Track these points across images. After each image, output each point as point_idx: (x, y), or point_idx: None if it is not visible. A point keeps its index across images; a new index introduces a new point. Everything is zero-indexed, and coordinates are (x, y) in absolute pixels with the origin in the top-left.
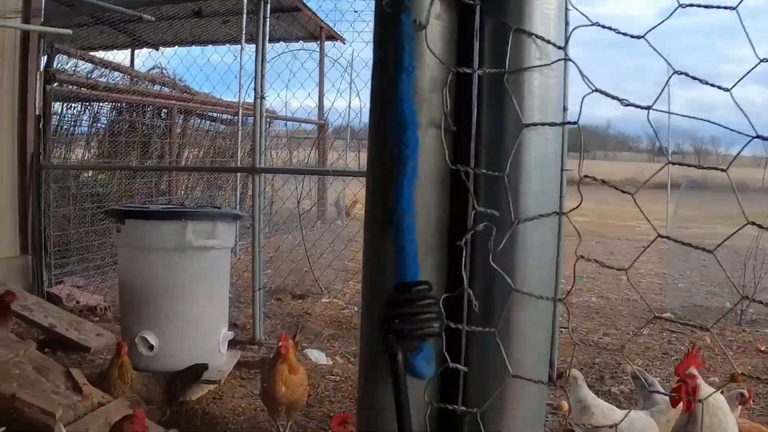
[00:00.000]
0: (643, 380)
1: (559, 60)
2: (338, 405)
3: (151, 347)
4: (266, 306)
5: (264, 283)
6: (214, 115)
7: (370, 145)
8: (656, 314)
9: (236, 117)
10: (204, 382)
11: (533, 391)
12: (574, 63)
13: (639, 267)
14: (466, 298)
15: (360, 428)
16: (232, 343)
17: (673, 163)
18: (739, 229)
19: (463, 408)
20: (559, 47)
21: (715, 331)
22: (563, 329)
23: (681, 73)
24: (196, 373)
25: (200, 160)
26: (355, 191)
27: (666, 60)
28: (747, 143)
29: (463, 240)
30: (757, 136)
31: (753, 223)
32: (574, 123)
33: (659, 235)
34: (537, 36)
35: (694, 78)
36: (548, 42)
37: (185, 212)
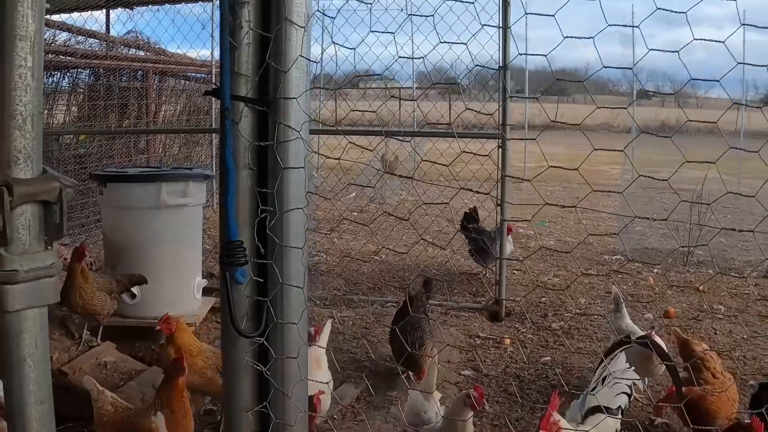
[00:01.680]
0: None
1: (295, 138)
2: None
3: (133, 296)
4: None
5: None
6: (189, 74)
7: (219, 179)
8: (607, 256)
9: (210, 76)
10: None
11: (296, 292)
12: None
13: (600, 210)
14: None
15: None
16: (209, 291)
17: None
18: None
19: (261, 297)
20: (297, 131)
21: (659, 272)
22: (516, 271)
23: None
24: (139, 279)
25: (177, 119)
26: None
27: None
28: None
29: (256, 220)
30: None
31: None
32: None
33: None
34: (289, 126)
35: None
36: (291, 128)
37: (160, 175)
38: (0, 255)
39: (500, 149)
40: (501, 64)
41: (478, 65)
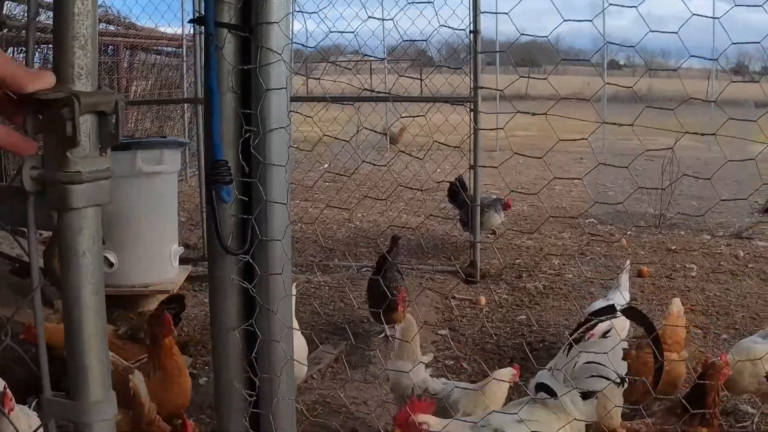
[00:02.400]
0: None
1: (276, 61)
2: None
3: (111, 264)
4: None
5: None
6: (161, 48)
7: (204, 101)
8: (580, 219)
9: (180, 49)
10: (158, 291)
11: (280, 209)
12: None
13: (573, 176)
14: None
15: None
16: (185, 261)
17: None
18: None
19: (245, 216)
20: (279, 53)
21: (633, 234)
22: (489, 235)
23: None
24: None
25: (149, 93)
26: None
27: None
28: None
29: (241, 140)
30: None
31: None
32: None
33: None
34: (271, 49)
35: None
36: (273, 51)
37: (134, 142)
38: (67, 157)
39: (472, 113)
40: (471, 29)
41: (445, 26)
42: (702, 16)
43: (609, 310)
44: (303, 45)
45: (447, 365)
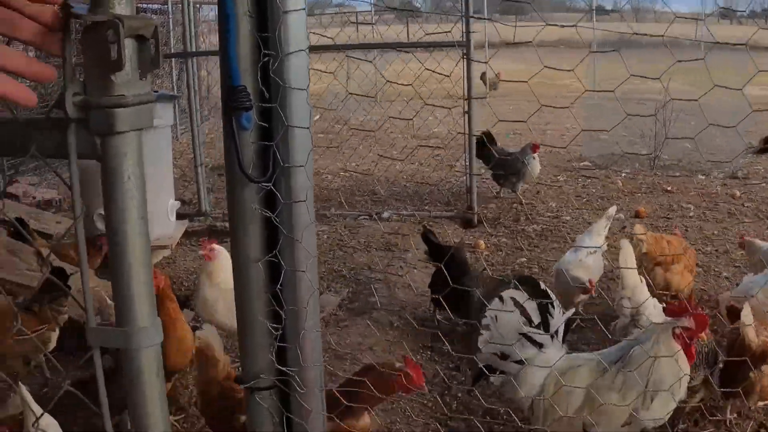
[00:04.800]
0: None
1: None
2: None
3: None
4: (209, 181)
5: (205, 160)
6: (145, 6)
7: (219, 25)
8: (575, 163)
9: (166, 6)
10: (157, 247)
11: (302, 133)
12: None
13: (565, 122)
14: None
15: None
16: (181, 216)
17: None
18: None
19: (266, 143)
20: None
21: (628, 175)
22: (485, 180)
23: None
24: None
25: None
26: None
27: None
28: None
29: (260, 63)
30: None
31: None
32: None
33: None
34: None
35: None
36: None
37: None
38: (111, 81)
39: (464, 58)
40: None
41: None
42: None
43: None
44: None
45: None
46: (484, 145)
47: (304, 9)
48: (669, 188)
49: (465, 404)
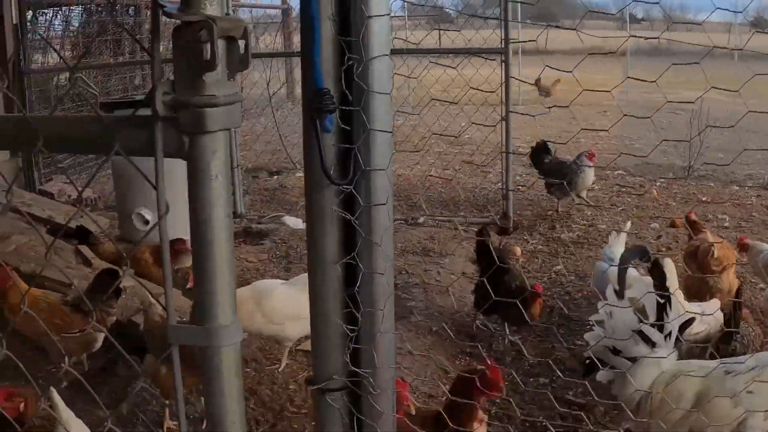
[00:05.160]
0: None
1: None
2: None
3: (146, 222)
4: (244, 183)
5: (239, 162)
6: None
7: (302, 28)
8: (609, 171)
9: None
10: None
11: (384, 137)
12: None
13: (598, 131)
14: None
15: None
16: None
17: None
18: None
19: (346, 146)
20: None
21: (662, 185)
22: (520, 187)
23: None
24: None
25: (170, 52)
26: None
27: None
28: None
29: (344, 67)
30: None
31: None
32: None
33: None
34: None
35: None
36: None
37: None
38: (202, 81)
39: (503, 64)
40: None
41: None
42: None
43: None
44: None
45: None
46: (539, 152)
47: (388, 15)
48: (704, 198)
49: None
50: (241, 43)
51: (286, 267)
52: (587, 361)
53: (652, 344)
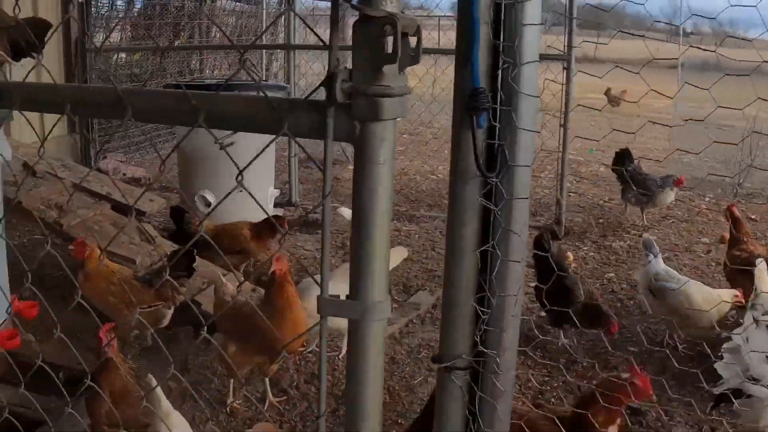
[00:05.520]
0: (647, 249)
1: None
2: None
3: (208, 204)
4: (299, 173)
5: (296, 152)
6: None
7: (458, 30)
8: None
9: None
10: None
11: (529, 137)
12: None
13: (647, 142)
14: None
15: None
16: (276, 206)
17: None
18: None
19: (497, 141)
20: None
21: (712, 201)
22: (571, 194)
23: None
24: None
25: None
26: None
27: None
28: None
29: (499, 69)
30: None
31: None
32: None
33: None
34: None
35: None
36: None
37: (238, 84)
38: (381, 72)
39: (565, 71)
40: None
41: None
42: None
43: None
44: None
45: (541, 316)
46: (623, 158)
47: (540, 24)
48: (752, 216)
49: None
50: (413, 39)
51: (342, 258)
52: (718, 394)
53: None
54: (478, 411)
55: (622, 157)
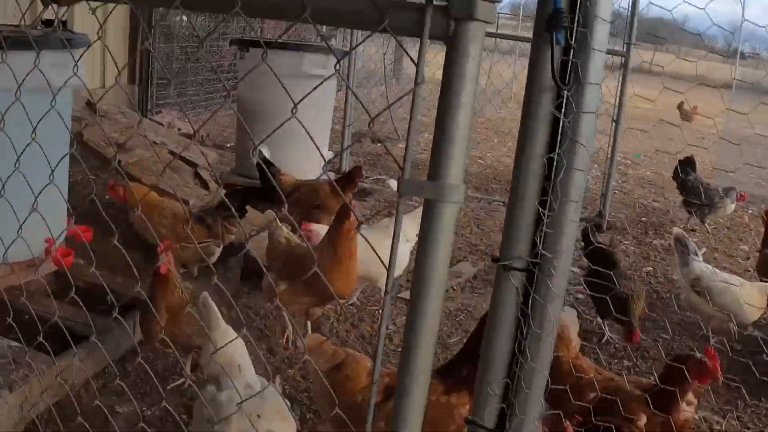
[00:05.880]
0: (682, 246)
1: None
2: None
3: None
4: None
5: (351, 122)
6: None
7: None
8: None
9: None
10: None
11: (601, 56)
12: None
13: (695, 153)
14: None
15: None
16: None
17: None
18: None
19: (571, 59)
20: None
21: (755, 214)
22: (616, 192)
23: None
24: None
25: None
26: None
27: None
28: None
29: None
30: None
31: None
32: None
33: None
34: None
35: None
36: None
37: (303, 45)
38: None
39: (623, 68)
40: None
41: None
42: None
43: None
44: None
45: (578, 299)
46: (685, 166)
47: None
48: None
49: None
50: None
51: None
52: None
53: None
54: (531, 312)
55: (686, 166)
